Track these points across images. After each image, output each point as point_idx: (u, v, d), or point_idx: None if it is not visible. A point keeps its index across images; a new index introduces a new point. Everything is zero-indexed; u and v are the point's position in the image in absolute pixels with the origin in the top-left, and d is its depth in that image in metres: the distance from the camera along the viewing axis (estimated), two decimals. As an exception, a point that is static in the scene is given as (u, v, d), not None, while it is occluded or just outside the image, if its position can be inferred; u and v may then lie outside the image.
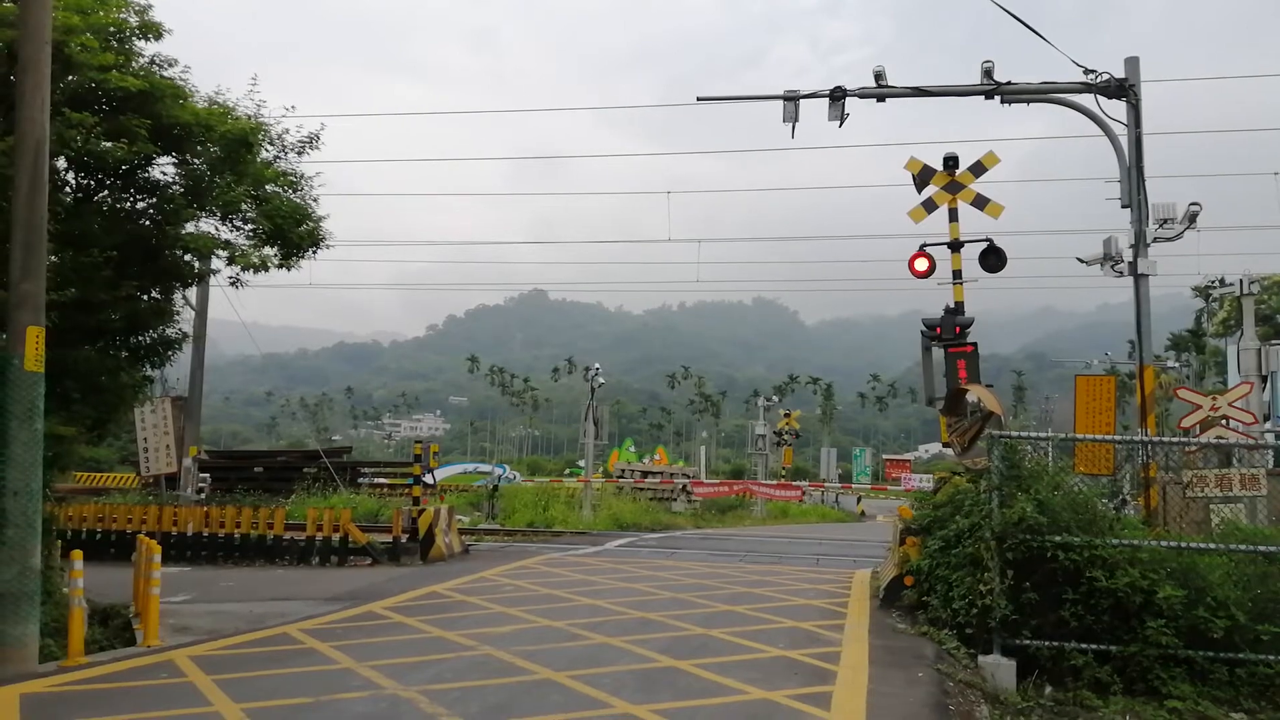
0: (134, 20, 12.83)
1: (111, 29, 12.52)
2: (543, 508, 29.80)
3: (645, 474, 40.92)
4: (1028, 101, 13.66)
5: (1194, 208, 13.09)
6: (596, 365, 35.49)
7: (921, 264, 13.96)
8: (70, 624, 9.21)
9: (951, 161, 14.01)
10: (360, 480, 31.79)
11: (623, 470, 42.13)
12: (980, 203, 13.96)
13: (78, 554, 9.56)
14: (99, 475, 37.10)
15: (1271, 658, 8.47)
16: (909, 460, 72.40)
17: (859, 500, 54.49)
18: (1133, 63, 13.11)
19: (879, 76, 13.87)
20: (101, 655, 9.64)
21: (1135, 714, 8.21)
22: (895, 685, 8.20)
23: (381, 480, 33.98)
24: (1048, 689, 8.69)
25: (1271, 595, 8.71)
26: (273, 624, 11.04)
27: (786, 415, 50.61)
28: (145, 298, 13.78)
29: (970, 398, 11.72)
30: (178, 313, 15.04)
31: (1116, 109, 13.09)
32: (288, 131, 14.71)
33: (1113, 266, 13.26)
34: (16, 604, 8.69)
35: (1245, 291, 17.84)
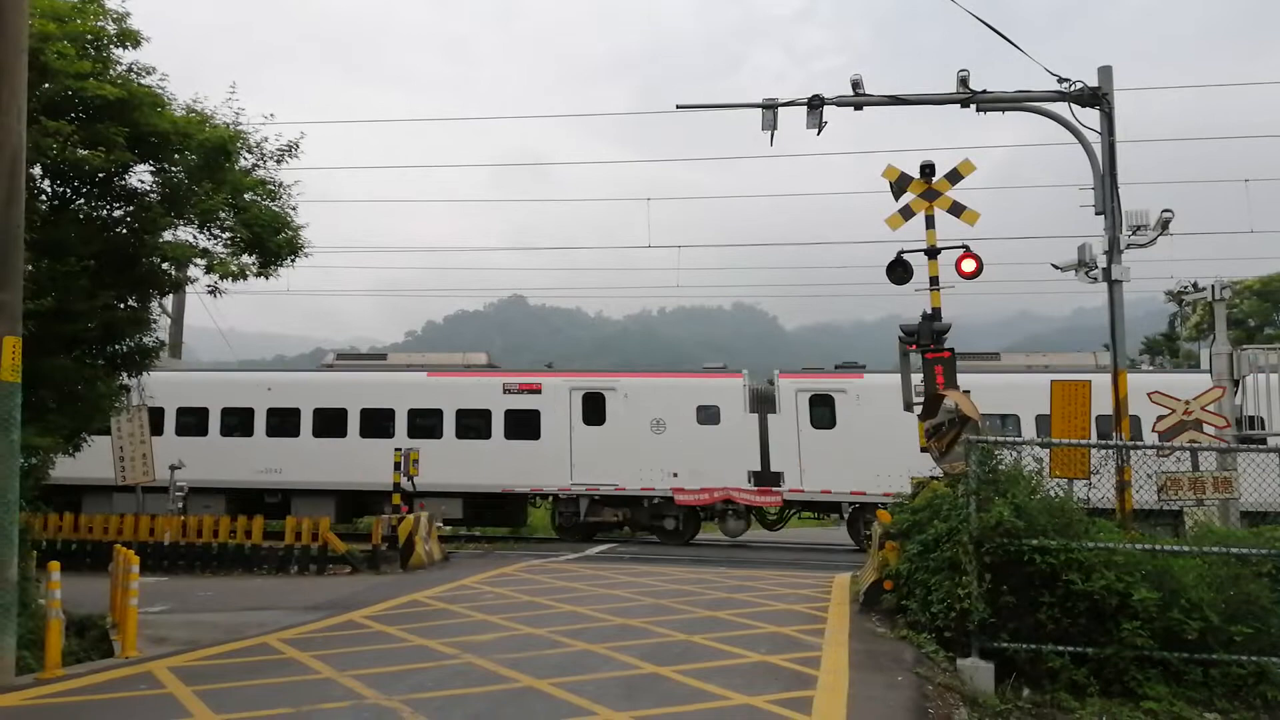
0: (111, 28, 12.78)
1: (89, 36, 12.47)
2: (524, 514, 29.69)
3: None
4: (1003, 110, 13.79)
5: (1167, 214, 13.25)
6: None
7: (900, 271, 14.06)
8: (47, 636, 9.13)
9: (928, 169, 14.11)
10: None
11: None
12: (957, 210, 14.06)
13: (55, 565, 9.48)
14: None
15: (1244, 658, 8.60)
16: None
17: (839, 504, 54.53)
18: (1106, 71, 13.28)
19: (856, 85, 13.96)
20: (79, 667, 9.57)
21: (1111, 715, 8.32)
22: (875, 689, 8.26)
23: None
24: (1025, 691, 8.79)
25: (1244, 597, 8.84)
26: (252, 634, 10.98)
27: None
28: (122, 306, 13.70)
29: (948, 403, 11.82)
30: (154, 321, 14.98)
31: (1090, 117, 13.25)
32: (266, 140, 14.68)
33: (1087, 273, 13.41)
34: (-7, 616, 8.61)
35: (1217, 297, 18.03)
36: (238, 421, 24.79)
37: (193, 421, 24.65)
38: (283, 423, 24.56)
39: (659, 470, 23.33)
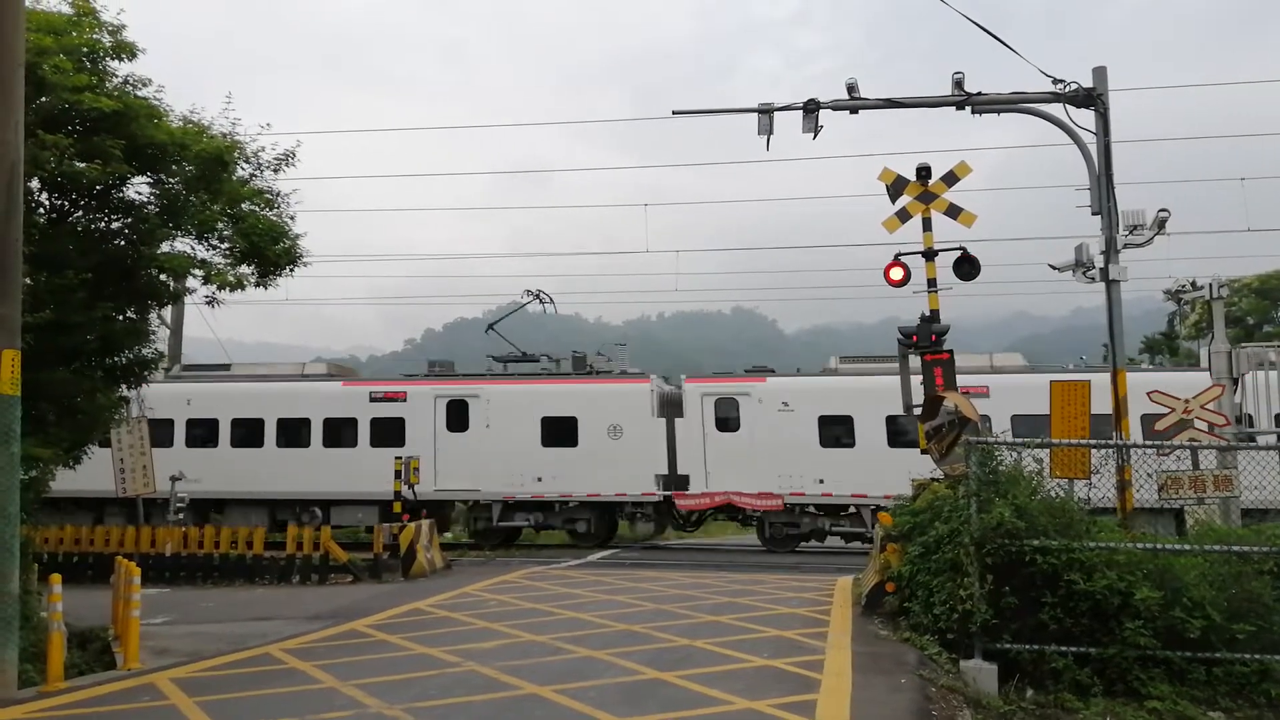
0: (107, 41, 12.80)
1: (85, 50, 12.49)
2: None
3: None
4: (998, 112, 13.82)
5: (1163, 214, 13.27)
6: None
7: (897, 273, 14.05)
8: (49, 648, 9.11)
9: (924, 172, 14.11)
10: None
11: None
12: (953, 212, 14.07)
13: (56, 578, 9.47)
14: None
15: (1247, 656, 8.60)
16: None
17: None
18: (1100, 72, 13.30)
19: (851, 89, 13.98)
20: (81, 679, 9.56)
21: (1115, 715, 8.31)
22: (878, 692, 8.25)
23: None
24: (1029, 692, 8.78)
25: (1246, 595, 8.84)
26: (254, 644, 10.97)
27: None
28: (121, 318, 13.70)
29: (947, 404, 11.82)
30: (153, 332, 14.98)
31: (1085, 118, 13.27)
32: (264, 149, 14.68)
33: (1085, 273, 13.43)
34: (-6, 629, 8.60)
35: (1215, 295, 18.08)
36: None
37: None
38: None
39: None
